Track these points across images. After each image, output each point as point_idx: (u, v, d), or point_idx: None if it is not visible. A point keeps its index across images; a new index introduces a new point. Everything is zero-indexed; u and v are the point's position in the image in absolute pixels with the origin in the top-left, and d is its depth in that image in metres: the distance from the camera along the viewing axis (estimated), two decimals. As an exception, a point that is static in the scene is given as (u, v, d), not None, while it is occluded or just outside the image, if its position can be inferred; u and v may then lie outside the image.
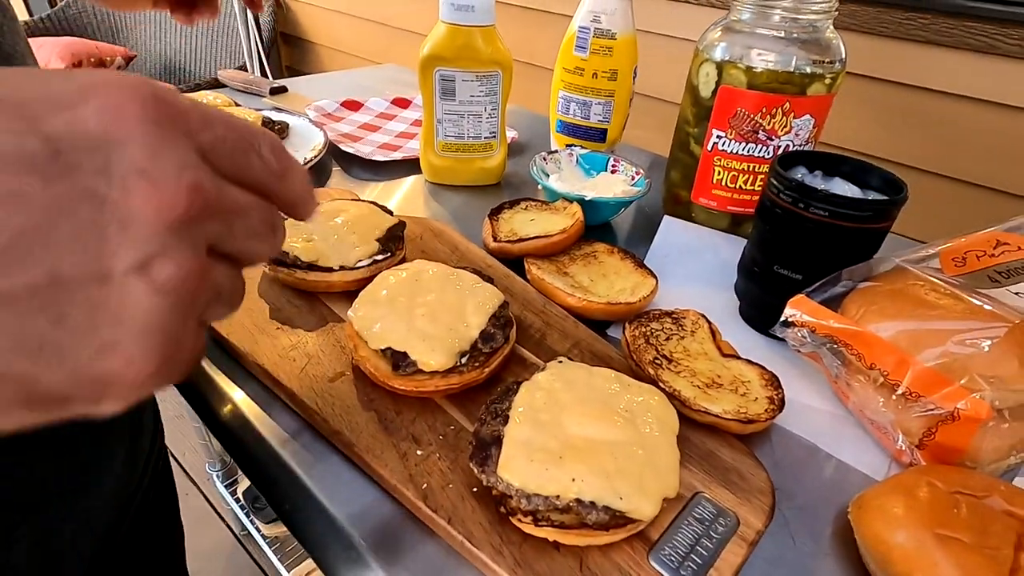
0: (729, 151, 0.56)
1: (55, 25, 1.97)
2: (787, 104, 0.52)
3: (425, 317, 0.39)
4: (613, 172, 0.68)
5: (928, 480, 0.32)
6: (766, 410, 0.38)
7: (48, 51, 1.17)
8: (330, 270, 0.47)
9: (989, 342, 0.35)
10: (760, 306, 0.49)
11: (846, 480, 0.38)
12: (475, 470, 0.32)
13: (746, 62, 0.53)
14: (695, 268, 0.57)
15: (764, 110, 0.53)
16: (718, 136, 0.56)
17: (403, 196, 0.69)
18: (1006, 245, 0.43)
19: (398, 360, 0.38)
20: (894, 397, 0.37)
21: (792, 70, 0.52)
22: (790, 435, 0.41)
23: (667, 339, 0.44)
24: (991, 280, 0.41)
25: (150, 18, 2.07)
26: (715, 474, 0.35)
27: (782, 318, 0.43)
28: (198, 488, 1.38)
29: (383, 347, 0.38)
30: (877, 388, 0.38)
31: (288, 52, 2.17)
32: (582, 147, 0.72)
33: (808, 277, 0.44)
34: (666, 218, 0.61)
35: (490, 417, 0.34)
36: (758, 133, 0.54)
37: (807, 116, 0.53)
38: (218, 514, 1.33)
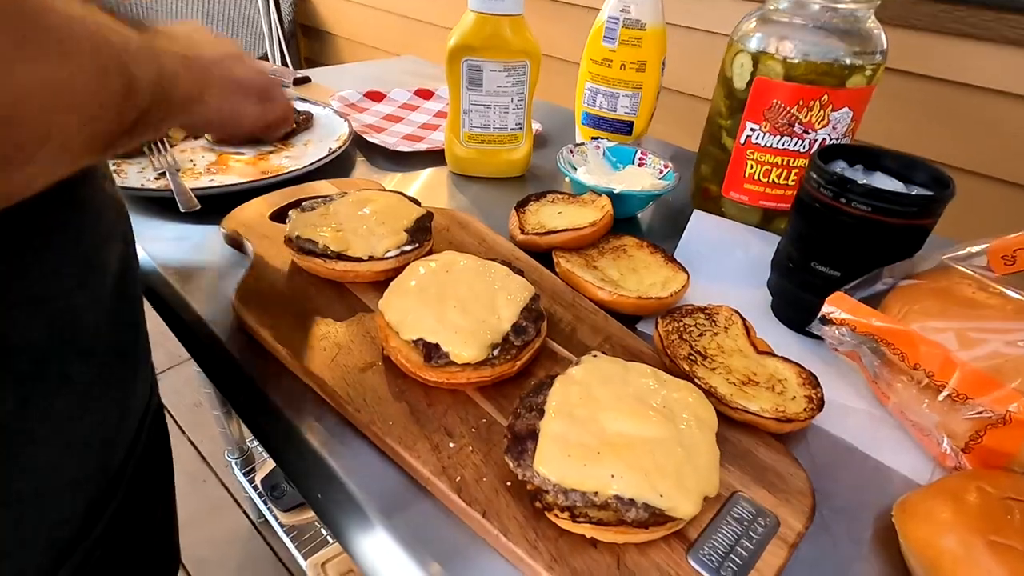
0: (763, 144, 0.55)
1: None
2: (825, 96, 0.51)
3: (456, 309, 0.39)
4: (640, 165, 0.67)
5: (978, 484, 0.31)
6: (805, 409, 0.37)
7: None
8: (359, 260, 0.46)
9: (1042, 345, 0.34)
10: (795, 303, 0.48)
11: (886, 482, 0.37)
12: (510, 464, 0.31)
13: (783, 53, 0.52)
14: (726, 264, 0.56)
15: (801, 102, 0.51)
16: (752, 129, 0.55)
17: (427, 187, 0.69)
18: None
19: (430, 351, 0.37)
20: (940, 399, 0.36)
21: (831, 62, 0.50)
22: (826, 435, 0.40)
23: (700, 335, 0.44)
24: None
25: (171, 10, 2.08)
26: (753, 473, 0.35)
27: (820, 315, 0.42)
28: (216, 476, 1.39)
29: (415, 338, 0.38)
30: (921, 389, 0.37)
31: (307, 44, 2.17)
32: (608, 140, 0.71)
33: (847, 274, 0.43)
34: (696, 212, 0.60)
35: (525, 411, 0.34)
36: (794, 126, 0.52)
37: (845, 109, 0.51)
38: (236, 501, 1.35)
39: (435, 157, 0.74)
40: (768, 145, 0.55)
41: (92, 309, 0.31)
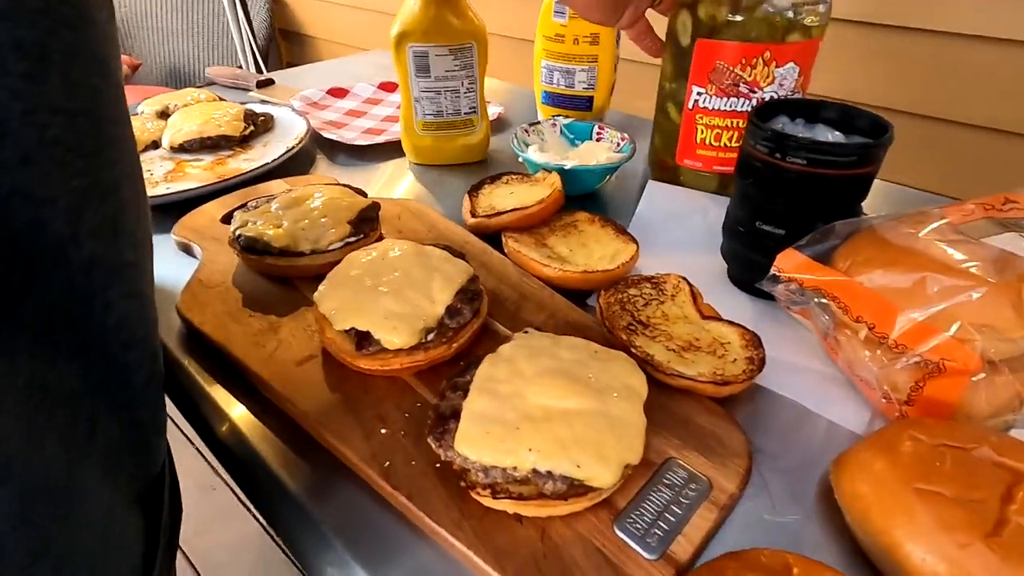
0: (711, 108, 0.53)
1: (62, 39, 2.01)
2: (768, 53, 0.49)
3: (390, 295, 0.39)
4: (598, 140, 0.66)
5: (911, 434, 0.30)
6: (744, 371, 0.37)
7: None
8: (301, 254, 0.46)
9: (982, 290, 0.33)
10: (746, 266, 0.47)
11: (833, 440, 0.37)
12: (433, 445, 0.31)
13: (722, 10, 0.50)
14: (682, 233, 0.55)
15: (744, 61, 0.50)
16: (699, 93, 0.53)
17: (387, 179, 0.68)
18: (1014, 203, 0.40)
19: (361, 340, 0.37)
20: (880, 351, 0.35)
21: (770, 16, 0.49)
22: (778, 397, 0.39)
23: (646, 304, 0.43)
24: (1001, 226, 0.38)
25: (153, 25, 2.10)
26: (690, 439, 0.34)
27: (770, 272, 0.41)
28: (224, 482, 1.41)
29: (347, 327, 0.38)
30: (863, 342, 0.36)
31: (288, 48, 2.17)
32: (568, 117, 0.70)
33: (792, 232, 0.42)
34: (650, 183, 0.59)
35: (451, 391, 0.33)
36: (739, 86, 0.51)
37: (791, 64, 0.50)
38: (245, 506, 1.37)
39: (397, 149, 0.74)
40: (716, 108, 0.53)
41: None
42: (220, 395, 0.40)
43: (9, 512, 0.21)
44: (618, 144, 0.64)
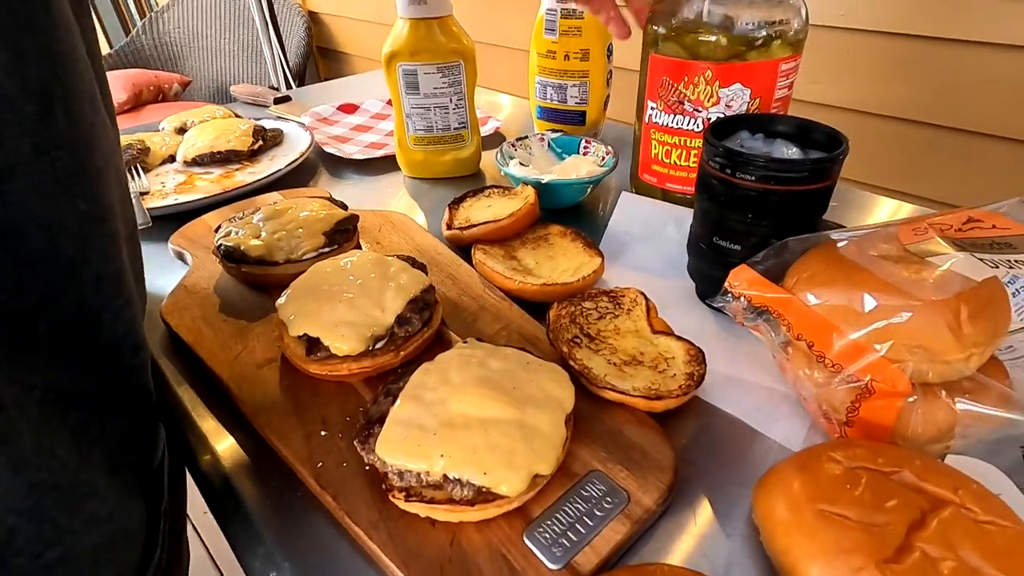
0: (660, 123, 0.53)
1: (122, 59, 2.17)
2: (708, 72, 0.48)
3: (344, 304, 0.41)
4: (584, 154, 0.67)
5: (830, 455, 0.29)
6: (680, 386, 0.37)
7: (113, 85, 1.31)
8: (276, 264, 0.49)
9: (914, 310, 0.32)
10: (708, 282, 0.47)
11: (773, 459, 0.36)
12: (357, 447, 0.32)
13: (661, 23, 0.50)
14: (654, 246, 0.55)
15: (686, 79, 0.49)
16: (652, 107, 0.53)
17: (385, 192, 0.71)
18: (978, 222, 0.39)
19: (312, 345, 0.39)
20: (818, 370, 0.34)
21: (699, 32, 0.47)
22: (725, 415, 0.39)
23: (599, 318, 0.43)
24: (955, 245, 0.36)
25: (203, 46, 2.23)
26: (617, 452, 0.34)
27: (722, 289, 0.41)
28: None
29: (300, 333, 0.40)
30: (805, 361, 0.36)
31: (326, 65, 2.26)
32: (553, 131, 0.71)
33: (746, 248, 0.42)
34: (623, 195, 0.59)
35: (383, 396, 0.35)
36: (683, 104, 0.50)
37: (737, 86, 0.48)
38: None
39: (394, 163, 0.76)
40: (665, 124, 0.53)
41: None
42: (189, 396, 0.42)
43: (21, 505, 0.24)
44: (603, 158, 0.65)
